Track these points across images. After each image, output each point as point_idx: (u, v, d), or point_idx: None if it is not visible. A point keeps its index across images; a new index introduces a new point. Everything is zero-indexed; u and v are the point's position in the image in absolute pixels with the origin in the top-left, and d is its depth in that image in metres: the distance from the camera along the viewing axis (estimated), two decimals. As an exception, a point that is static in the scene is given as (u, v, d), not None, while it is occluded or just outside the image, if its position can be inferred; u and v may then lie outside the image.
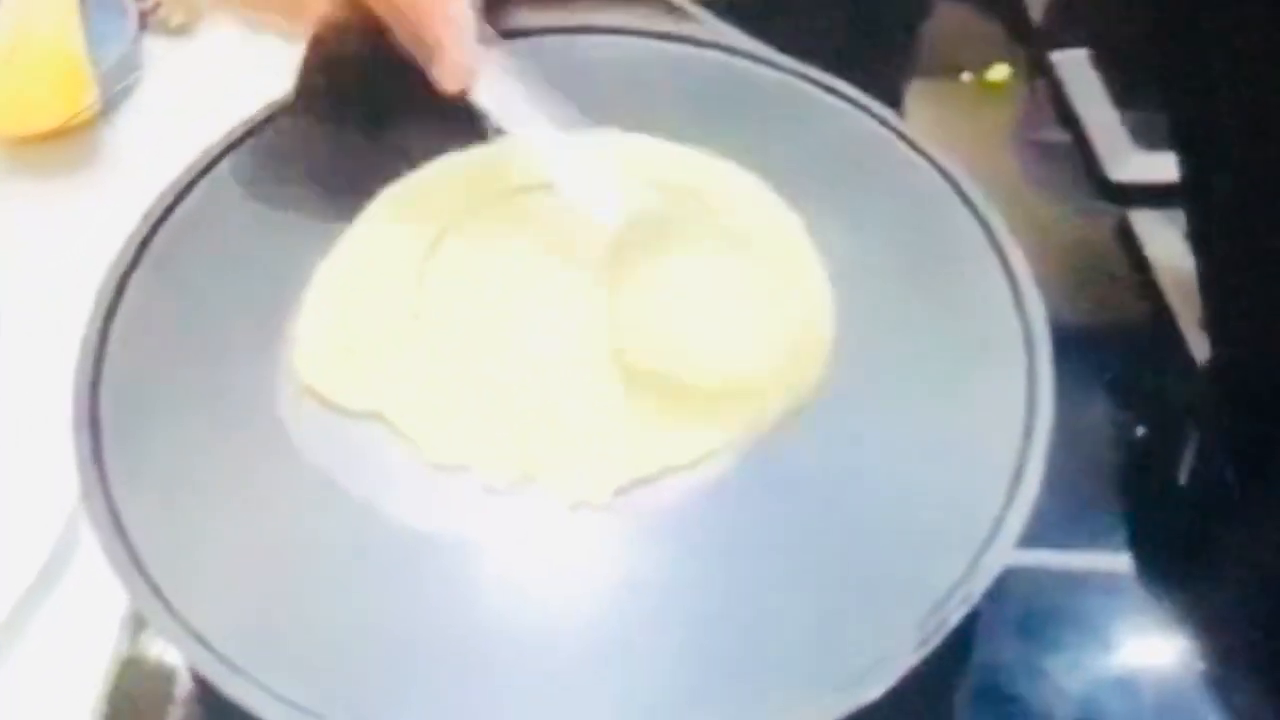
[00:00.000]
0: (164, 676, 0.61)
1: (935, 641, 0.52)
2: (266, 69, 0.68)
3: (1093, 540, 0.68)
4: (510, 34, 0.78)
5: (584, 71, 0.77)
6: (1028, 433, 0.59)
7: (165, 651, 0.62)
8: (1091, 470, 0.72)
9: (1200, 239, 0.64)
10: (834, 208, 0.70)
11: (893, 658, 0.51)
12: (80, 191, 0.84)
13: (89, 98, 0.86)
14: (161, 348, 0.63)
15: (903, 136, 0.73)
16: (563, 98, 0.70)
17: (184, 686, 0.61)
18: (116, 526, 0.55)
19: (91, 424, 0.59)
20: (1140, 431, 0.75)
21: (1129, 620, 0.65)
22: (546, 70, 0.75)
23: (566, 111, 0.69)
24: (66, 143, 0.86)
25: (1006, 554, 0.54)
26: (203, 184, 0.70)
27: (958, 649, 0.60)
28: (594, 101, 0.73)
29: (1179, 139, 0.66)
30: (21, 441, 0.66)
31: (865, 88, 0.76)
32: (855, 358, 0.64)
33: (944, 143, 0.73)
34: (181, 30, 0.94)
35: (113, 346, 0.62)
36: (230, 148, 0.72)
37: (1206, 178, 0.60)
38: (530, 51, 0.77)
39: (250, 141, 0.72)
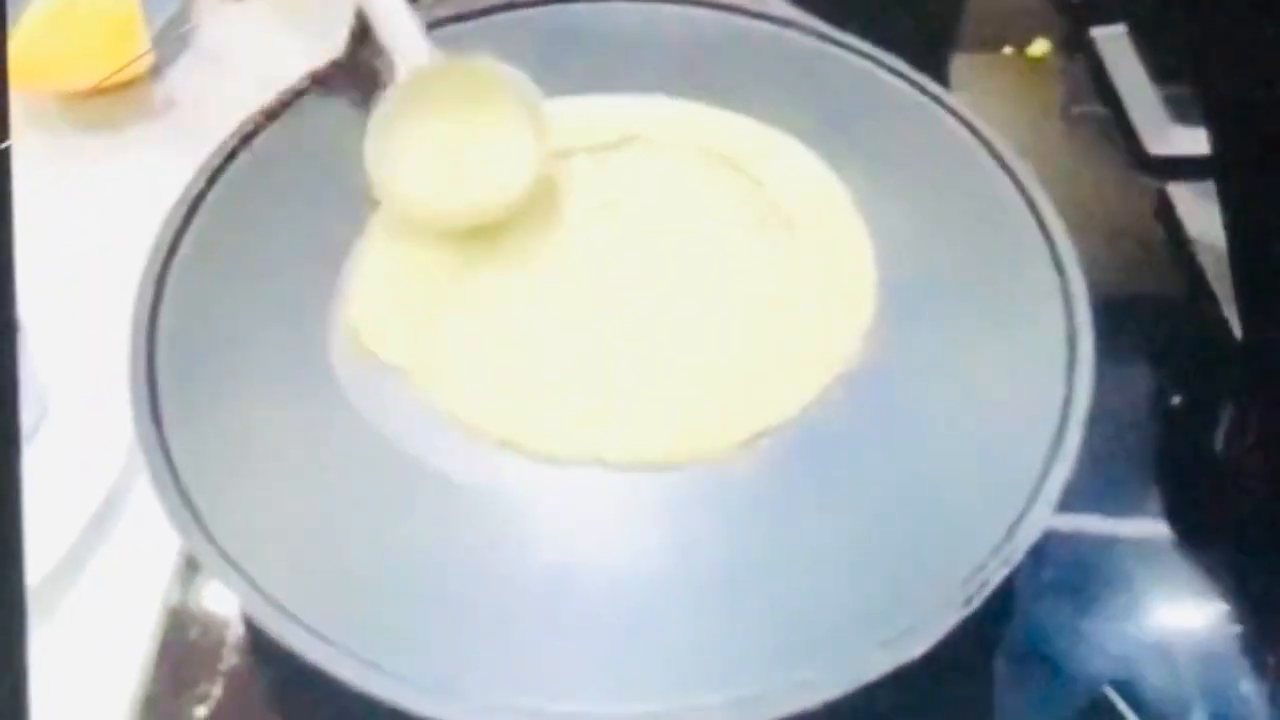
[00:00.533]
0: (216, 624, 0.62)
1: (978, 601, 0.52)
2: (317, 28, 0.69)
3: (1130, 507, 0.69)
4: (542, 1, 0.80)
5: (621, 40, 0.79)
6: (1067, 399, 0.60)
7: (217, 599, 0.62)
8: (1129, 439, 0.72)
9: (1231, 214, 0.64)
10: (878, 178, 0.71)
11: (936, 617, 0.52)
12: (133, 146, 0.84)
13: (142, 53, 0.86)
14: (216, 298, 0.64)
15: (946, 107, 0.74)
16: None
17: (235, 633, 0.61)
18: (171, 472, 0.56)
19: (148, 372, 0.59)
20: (1176, 400, 0.76)
21: (1165, 585, 0.65)
22: (581, 38, 0.76)
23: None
24: (120, 98, 0.86)
25: (1046, 517, 0.55)
26: (260, 138, 0.71)
27: (999, 609, 0.61)
28: (643, 69, 0.74)
29: (1210, 114, 0.66)
30: (79, 388, 0.67)
31: (910, 58, 0.76)
32: (899, 327, 0.65)
33: (987, 115, 0.73)
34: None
35: (168, 296, 0.63)
36: (286, 104, 0.72)
37: (1237, 153, 0.61)
38: (561, 18, 0.79)
39: (304, 100, 0.73)
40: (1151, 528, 0.68)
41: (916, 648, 0.51)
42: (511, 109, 0.69)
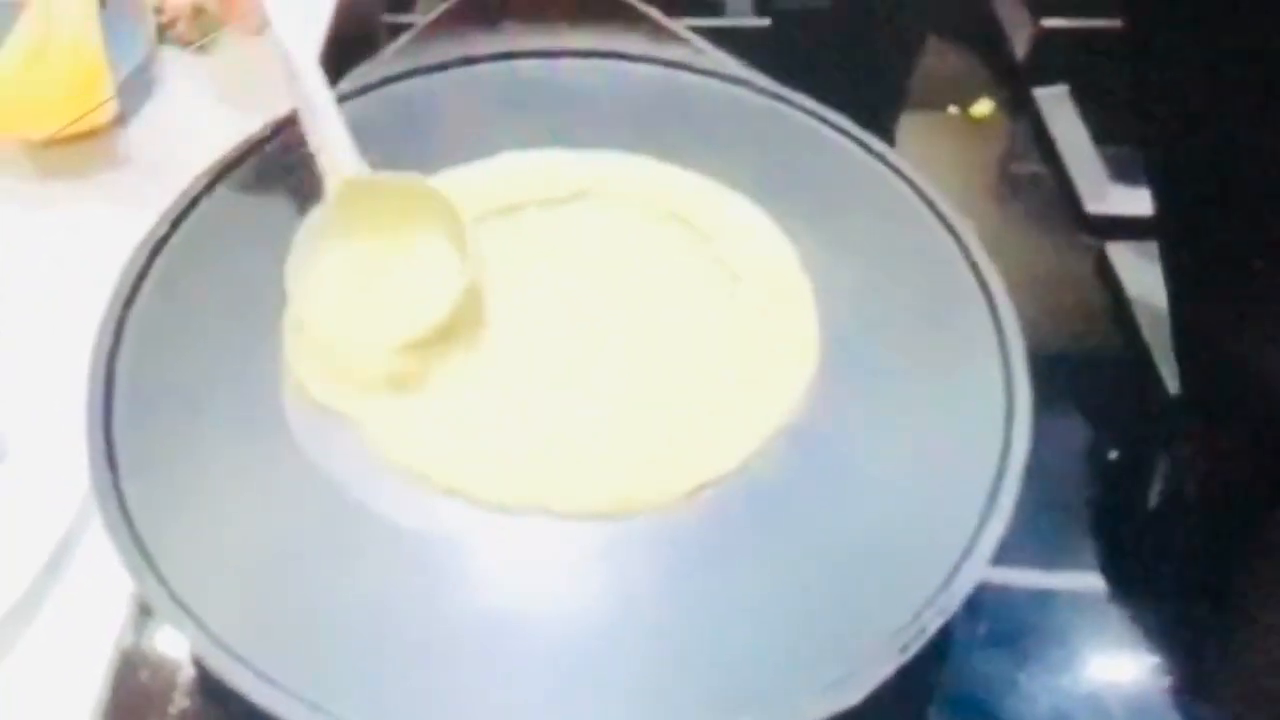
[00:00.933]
0: (168, 667, 0.62)
1: (914, 649, 0.54)
2: (279, 79, 0.70)
3: (1066, 561, 0.70)
4: (498, 57, 0.81)
5: (575, 96, 0.80)
6: (1004, 454, 0.61)
7: (168, 643, 0.63)
8: (1066, 493, 0.73)
9: (1172, 272, 0.65)
10: (823, 235, 0.73)
11: (873, 665, 0.53)
12: (97, 194, 0.85)
13: (107, 104, 0.87)
14: (173, 344, 0.65)
15: (889, 165, 0.76)
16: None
17: (186, 676, 0.62)
18: (125, 517, 0.57)
19: (104, 417, 0.60)
20: (1114, 455, 0.77)
21: (1100, 637, 0.66)
22: (535, 94, 0.77)
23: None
24: (84, 147, 0.87)
25: (981, 569, 0.57)
26: (221, 187, 0.72)
27: (933, 659, 0.63)
28: (596, 125, 0.75)
29: (1153, 173, 0.67)
30: (36, 433, 0.67)
31: (856, 118, 0.78)
32: (840, 381, 0.66)
33: (930, 173, 0.75)
34: (198, 44, 0.95)
35: (126, 341, 0.64)
36: (247, 154, 0.74)
37: (1179, 212, 0.62)
38: (517, 74, 0.81)
39: (264, 149, 0.74)
40: (1087, 581, 0.69)
41: (854, 695, 0.52)
42: (437, 228, 0.69)
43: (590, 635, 0.56)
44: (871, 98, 0.85)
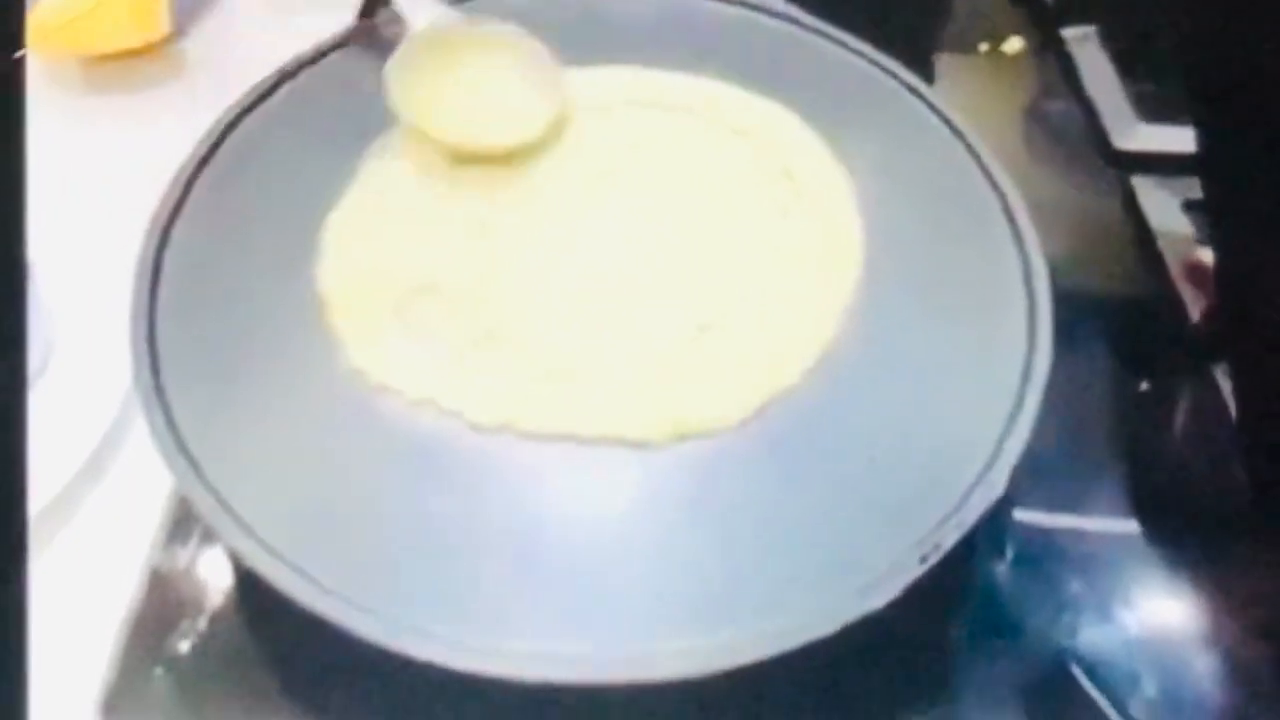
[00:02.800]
0: (201, 575, 0.63)
1: (932, 560, 0.55)
2: (335, 3, 0.71)
3: (1091, 492, 0.70)
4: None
5: (613, 21, 0.81)
6: (1025, 376, 0.63)
7: (203, 551, 0.64)
8: (1095, 425, 0.74)
9: (1215, 210, 0.66)
10: (859, 163, 0.74)
11: (893, 573, 0.55)
12: (150, 108, 0.86)
13: (164, 17, 0.88)
14: (219, 250, 0.66)
15: (924, 100, 0.77)
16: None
17: (220, 585, 0.63)
18: (166, 415, 0.58)
19: (149, 323, 0.62)
20: (1142, 387, 0.78)
21: (1122, 564, 0.67)
22: (618, 17, 0.80)
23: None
24: (141, 61, 0.88)
25: (1000, 485, 0.58)
26: (273, 99, 0.74)
27: (956, 574, 0.64)
28: (652, 48, 0.78)
29: (1196, 112, 0.68)
30: (84, 336, 0.69)
31: (894, 55, 0.79)
32: (873, 306, 0.68)
33: (962, 109, 0.76)
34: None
35: (173, 245, 0.65)
36: (300, 67, 0.76)
37: (1223, 149, 0.62)
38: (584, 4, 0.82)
39: (317, 66, 0.76)
40: (1111, 512, 0.70)
41: (877, 600, 0.54)
42: (525, 63, 0.73)
43: (627, 539, 0.58)
44: (908, 35, 0.85)
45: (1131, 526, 0.69)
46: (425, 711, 0.57)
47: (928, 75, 0.77)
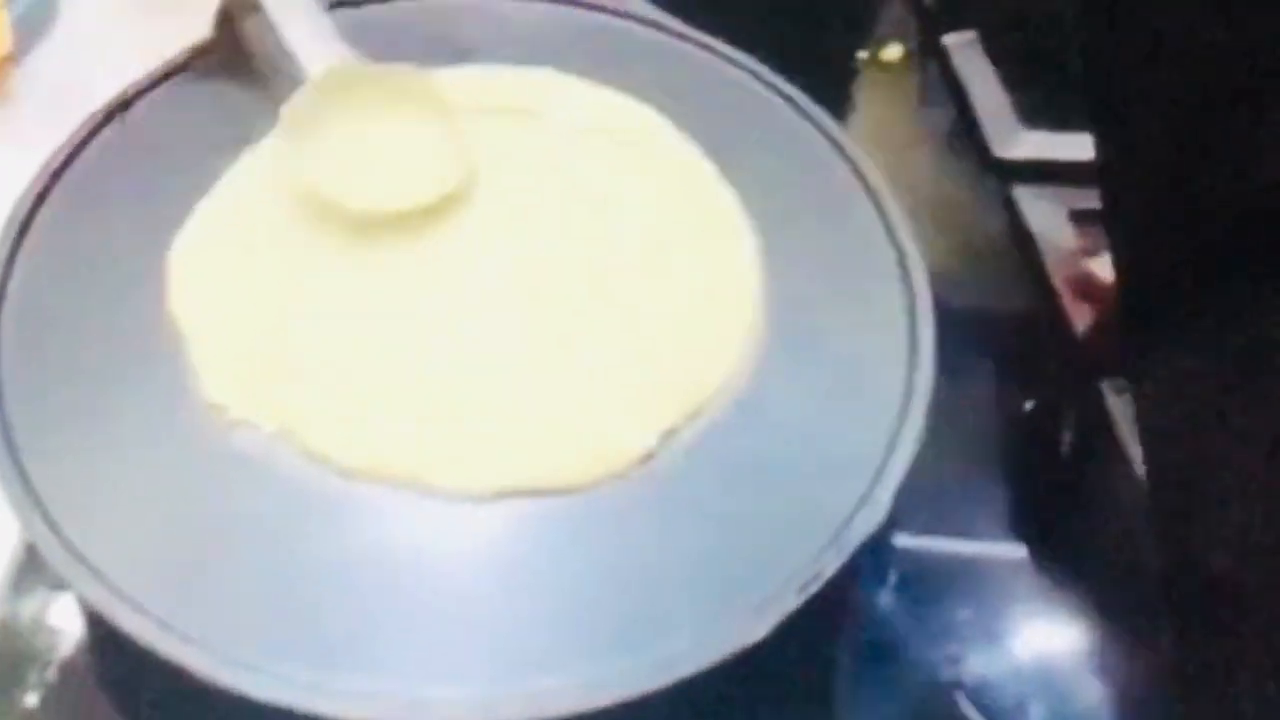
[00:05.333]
0: (48, 626, 0.62)
1: (811, 589, 0.54)
2: (182, 14, 0.69)
3: (976, 511, 0.71)
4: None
5: (482, 34, 0.78)
6: (906, 398, 0.62)
7: (51, 601, 0.63)
8: (981, 447, 0.74)
9: (1114, 218, 0.65)
10: (729, 176, 0.72)
11: (773, 603, 0.54)
12: None
13: (3, 37, 0.85)
14: (64, 288, 0.64)
15: (798, 107, 0.75)
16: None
17: (70, 636, 0.62)
18: (13, 458, 0.56)
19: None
20: (1029, 405, 0.78)
21: (1008, 585, 0.67)
22: (450, 32, 0.77)
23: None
24: None
25: (880, 512, 0.57)
26: (111, 127, 0.71)
27: (840, 604, 0.64)
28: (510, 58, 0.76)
29: (1097, 118, 0.67)
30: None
31: (769, 62, 0.78)
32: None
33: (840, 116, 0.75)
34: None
35: (15, 284, 0.63)
36: (139, 94, 0.72)
37: (1123, 156, 0.61)
38: (435, 10, 0.79)
39: (158, 90, 0.73)
40: (997, 536, 0.70)
41: (757, 631, 0.53)
42: (429, 113, 0.70)
43: (500, 582, 0.57)
44: (786, 44, 0.84)
45: (1018, 551, 0.68)
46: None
47: (807, 85, 0.76)
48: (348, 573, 0.56)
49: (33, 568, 0.63)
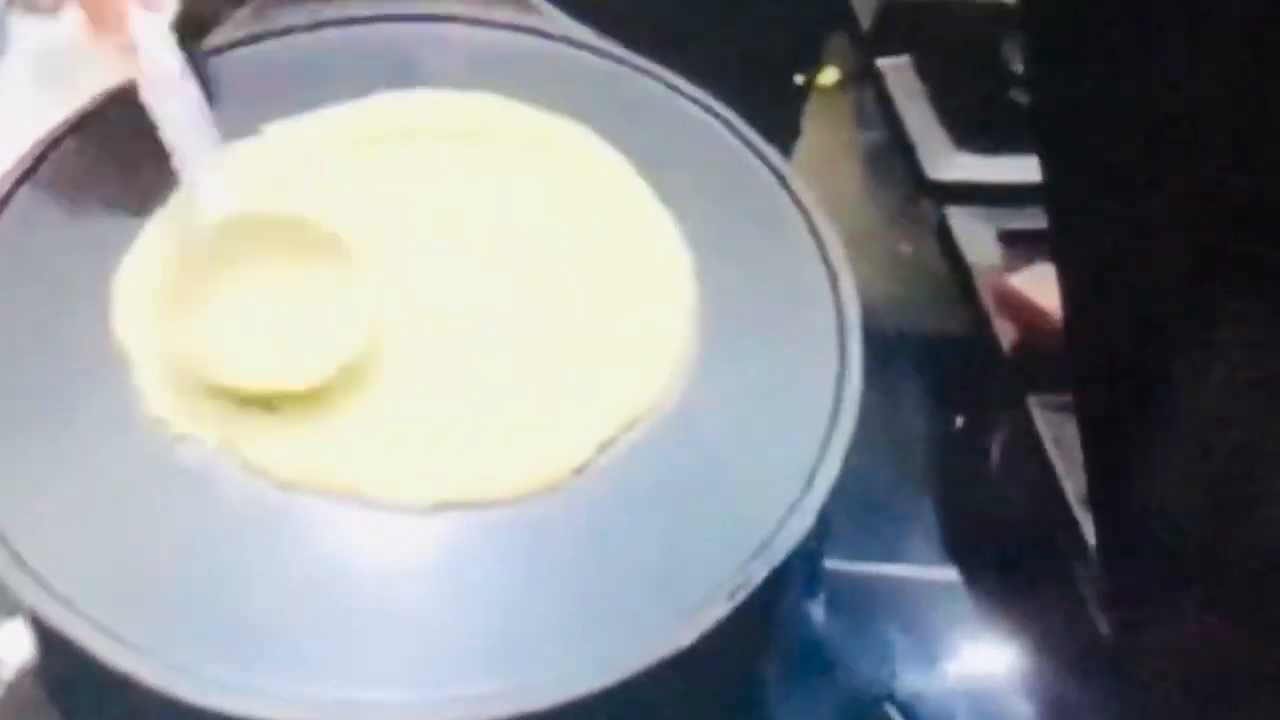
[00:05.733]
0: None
1: (740, 597, 0.55)
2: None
3: (911, 541, 0.72)
4: (345, 22, 0.80)
5: (423, 59, 0.79)
6: (835, 411, 0.63)
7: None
8: (910, 467, 0.75)
9: (1059, 237, 0.66)
10: (661, 196, 0.73)
11: (705, 609, 0.55)
12: None
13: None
14: (9, 308, 0.65)
15: (731, 128, 0.77)
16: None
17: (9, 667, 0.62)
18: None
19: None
20: (959, 423, 0.79)
21: (945, 613, 0.68)
22: (388, 58, 0.78)
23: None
24: None
25: (808, 520, 0.58)
26: (54, 154, 0.71)
27: (767, 614, 0.64)
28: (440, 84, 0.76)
29: (1041, 141, 0.68)
30: None
31: (705, 85, 0.79)
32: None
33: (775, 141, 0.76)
34: (48, 9, 0.94)
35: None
36: (75, 129, 0.73)
37: (1067, 177, 0.63)
38: (370, 39, 0.80)
39: (91, 126, 0.73)
40: (928, 559, 0.71)
41: (685, 637, 0.54)
42: (322, 261, 0.65)
43: (427, 592, 0.58)
44: (721, 68, 0.85)
45: (948, 572, 0.69)
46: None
47: (741, 109, 0.77)
48: (288, 582, 0.57)
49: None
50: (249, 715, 0.51)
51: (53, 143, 0.71)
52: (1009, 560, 0.71)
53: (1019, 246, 0.83)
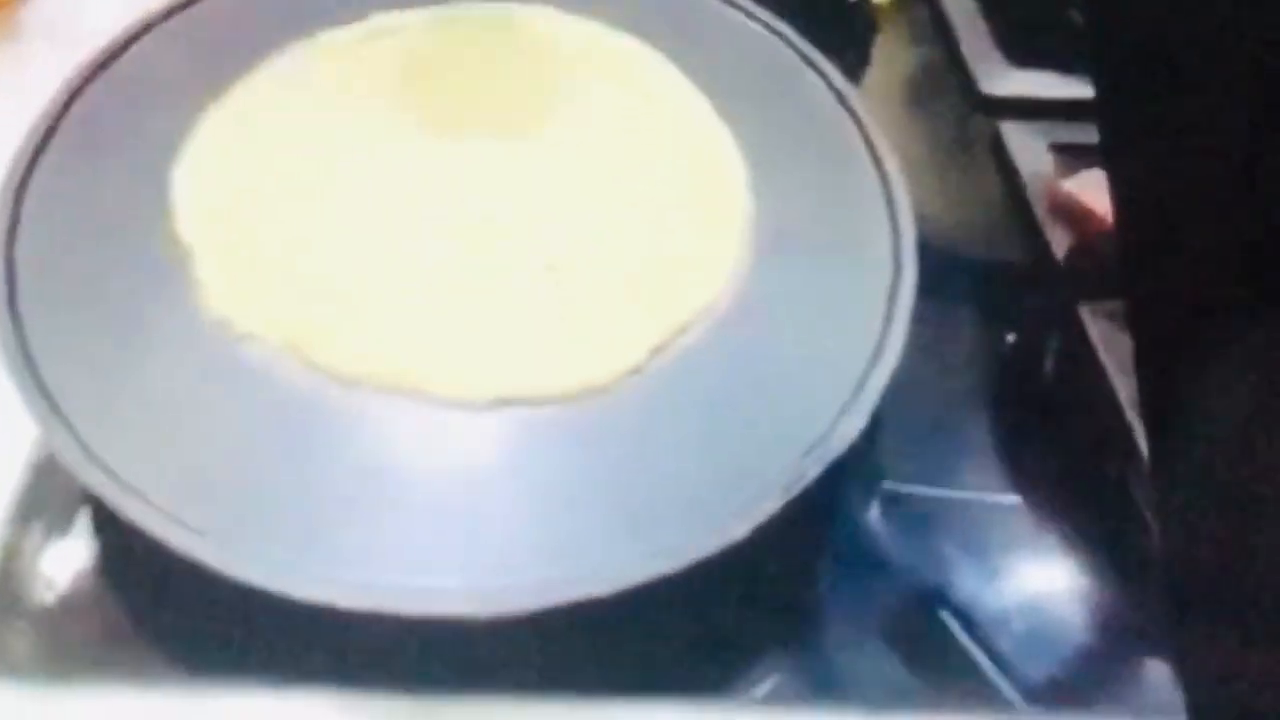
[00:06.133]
0: (65, 519, 0.64)
1: (794, 491, 0.57)
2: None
3: (959, 441, 0.72)
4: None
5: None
6: (888, 316, 0.64)
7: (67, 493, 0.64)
8: (964, 382, 0.76)
9: (1110, 151, 0.66)
10: (728, 113, 0.74)
11: (759, 503, 0.56)
12: (3, 65, 0.84)
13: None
14: (74, 206, 0.65)
15: (791, 44, 0.78)
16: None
17: (82, 530, 0.63)
18: (29, 365, 0.58)
19: (8, 271, 0.61)
20: (1010, 339, 0.79)
21: (999, 529, 0.68)
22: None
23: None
24: None
25: (859, 420, 0.59)
26: (118, 63, 0.72)
27: (824, 514, 0.66)
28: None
29: (1094, 52, 0.68)
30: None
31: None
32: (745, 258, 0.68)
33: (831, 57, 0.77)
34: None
35: (29, 203, 0.64)
36: (140, 34, 0.74)
37: (1123, 95, 0.63)
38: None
39: (159, 28, 0.74)
40: (984, 474, 0.71)
41: (740, 529, 0.55)
42: None
43: (483, 479, 0.59)
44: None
45: (1005, 496, 0.70)
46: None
47: (805, 29, 0.78)
48: (348, 474, 0.58)
49: (37, 495, 0.64)
50: (307, 598, 0.52)
51: (113, 51, 0.73)
52: (1065, 475, 0.71)
53: (1071, 158, 0.83)
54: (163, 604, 0.59)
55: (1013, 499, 0.69)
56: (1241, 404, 0.56)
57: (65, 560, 0.62)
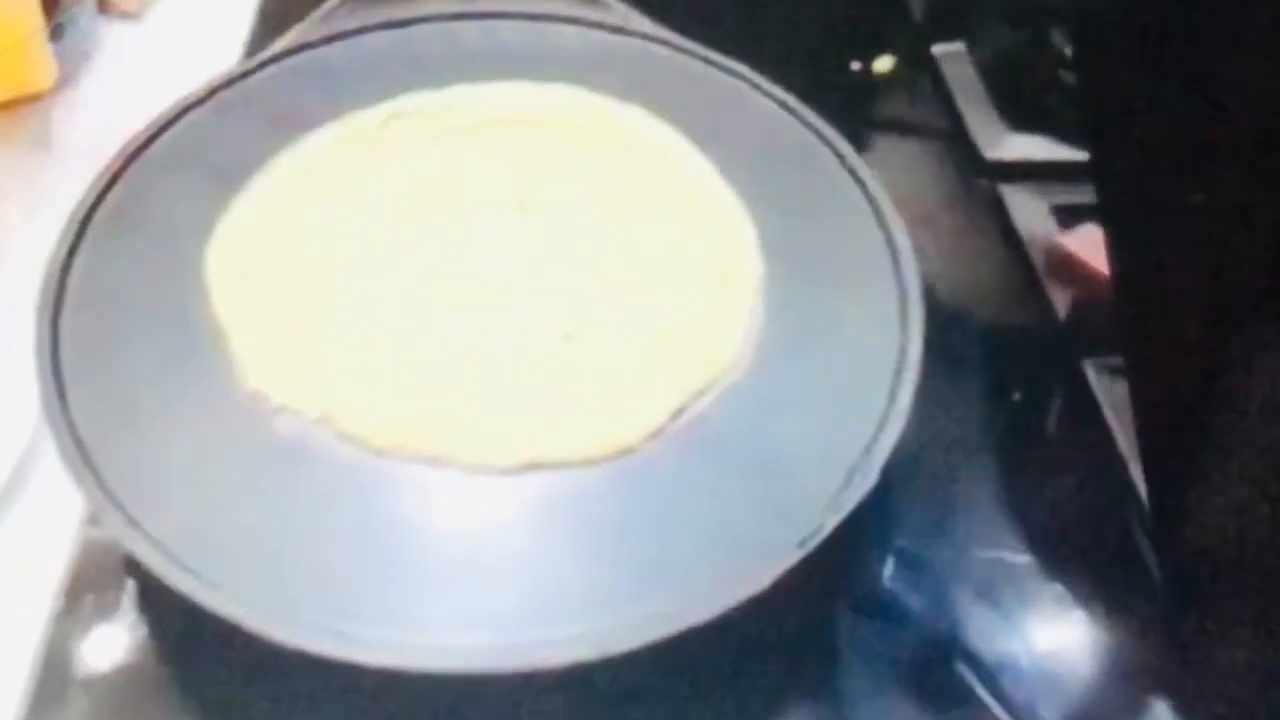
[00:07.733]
0: (114, 585, 0.66)
1: (811, 545, 0.59)
2: (213, 51, 0.72)
3: (977, 525, 0.74)
4: (420, 19, 0.84)
5: (501, 53, 0.83)
6: (897, 376, 0.66)
7: (114, 561, 0.66)
8: (970, 440, 0.78)
9: (1106, 211, 0.68)
10: (734, 181, 0.76)
11: (778, 557, 0.58)
12: (33, 161, 0.86)
13: (46, 73, 0.88)
14: (114, 285, 0.68)
15: (797, 116, 0.80)
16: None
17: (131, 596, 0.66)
18: (76, 443, 0.60)
19: (53, 348, 0.64)
20: (1016, 396, 0.81)
21: (1010, 582, 0.70)
22: (462, 53, 0.82)
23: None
24: (22, 115, 0.88)
25: (872, 477, 0.61)
26: (160, 142, 0.75)
27: (840, 566, 0.68)
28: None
29: (1089, 117, 0.70)
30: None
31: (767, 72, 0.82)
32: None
33: (837, 124, 0.79)
34: (134, 13, 0.97)
35: (72, 280, 0.67)
36: (176, 117, 0.77)
37: (1113, 151, 0.64)
38: (445, 34, 0.84)
39: (199, 109, 0.77)
40: (992, 527, 0.73)
41: (759, 582, 0.57)
42: None
43: (513, 546, 0.61)
44: (782, 56, 0.88)
45: (1014, 553, 0.71)
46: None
47: (801, 94, 0.80)
48: (382, 539, 0.60)
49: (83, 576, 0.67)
50: (344, 658, 0.54)
51: (150, 135, 0.75)
52: (1072, 528, 0.73)
53: (1071, 218, 0.85)
54: (204, 669, 0.62)
55: (1020, 555, 0.71)
56: (1242, 453, 0.58)
57: (113, 635, 0.64)
